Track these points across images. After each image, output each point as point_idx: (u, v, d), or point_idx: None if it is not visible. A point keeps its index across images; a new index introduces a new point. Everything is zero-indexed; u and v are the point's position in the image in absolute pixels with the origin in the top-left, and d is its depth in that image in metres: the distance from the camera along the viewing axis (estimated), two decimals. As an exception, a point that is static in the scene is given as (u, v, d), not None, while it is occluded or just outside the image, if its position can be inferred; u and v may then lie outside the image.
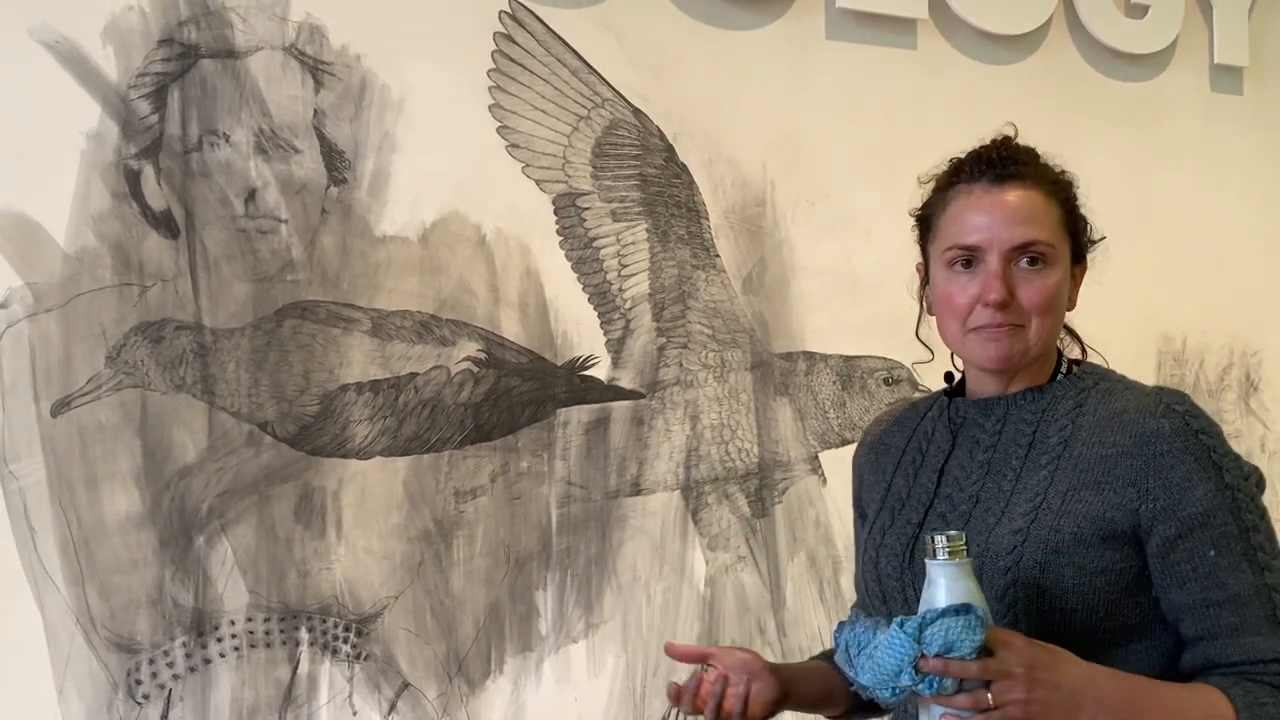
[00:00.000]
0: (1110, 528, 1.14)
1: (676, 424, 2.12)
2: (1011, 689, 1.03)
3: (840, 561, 2.23)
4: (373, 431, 1.90)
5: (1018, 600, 1.15)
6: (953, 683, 1.02)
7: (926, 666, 1.02)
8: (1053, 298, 1.21)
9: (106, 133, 1.77)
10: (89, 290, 1.75)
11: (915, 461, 1.30)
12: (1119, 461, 1.16)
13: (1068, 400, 1.23)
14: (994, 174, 1.22)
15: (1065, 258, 1.23)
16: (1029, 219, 1.20)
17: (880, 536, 1.28)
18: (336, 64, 1.91)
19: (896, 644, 1.01)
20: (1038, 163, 1.24)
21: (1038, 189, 1.22)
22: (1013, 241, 1.20)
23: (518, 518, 2.00)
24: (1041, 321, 1.21)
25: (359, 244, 1.91)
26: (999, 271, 1.20)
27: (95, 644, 1.72)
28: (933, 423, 1.31)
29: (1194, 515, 1.13)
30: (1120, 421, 1.17)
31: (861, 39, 2.29)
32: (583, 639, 2.03)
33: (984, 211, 1.21)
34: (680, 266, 2.13)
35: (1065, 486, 1.17)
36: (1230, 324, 2.66)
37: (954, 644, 1.00)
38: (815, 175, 2.24)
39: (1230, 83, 2.70)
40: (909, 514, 1.27)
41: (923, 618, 1.02)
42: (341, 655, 1.87)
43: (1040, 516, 1.16)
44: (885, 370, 2.29)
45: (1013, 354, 1.22)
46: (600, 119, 2.08)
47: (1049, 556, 1.14)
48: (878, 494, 1.33)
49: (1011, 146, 1.24)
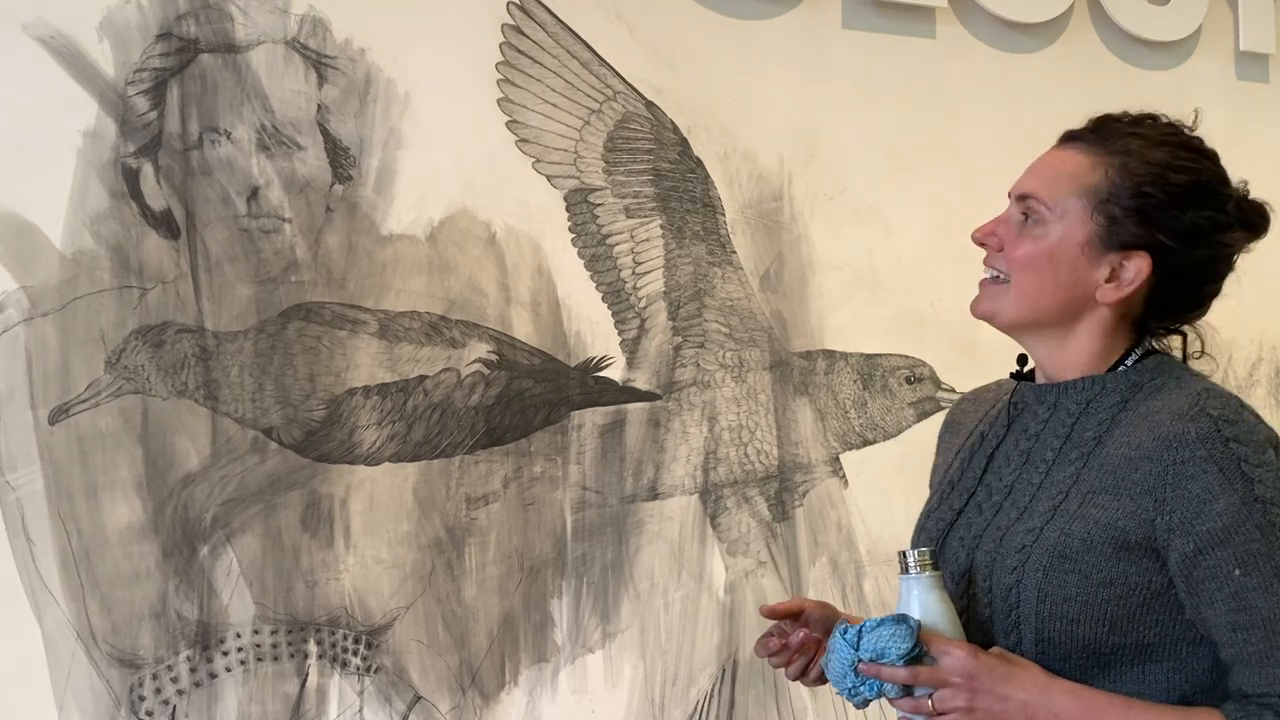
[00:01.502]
0: (1123, 537, 1.07)
1: (694, 426, 2.05)
2: (952, 697, 1.05)
3: (863, 566, 2.17)
4: (381, 436, 1.84)
5: (1019, 602, 1.10)
6: (895, 688, 1.07)
7: (862, 670, 1.07)
8: (1033, 257, 1.15)
9: (104, 130, 1.71)
10: (87, 293, 1.69)
11: (975, 445, 1.26)
12: (1140, 465, 1.08)
13: (1115, 394, 1.15)
14: (1070, 134, 1.19)
15: (1075, 229, 1.14)
16: (1043, 175, 1.17)
17: (924, 520, 1.25)
18: (340, 58, 1.85)
19: (840, 649, 1.09)
20: (1130, 137, 1.15)
21: (1089, 155, 1.15)
22: (1017, 189, 1.18)
23: (531, 524, 1.94)
24: (1020, 279, 1.16)
25: (365, 243, 1.86)
26: (1002, 216, 1.19)
27: (96, 659, 1.66)
28: (1002, 406, 1.26)
29: (1214, 530, 1.04)
30: (1151, 422, 1.10)
31: (879, 27, 2.23)
32: (599, 648, 1.97)
33: (1031, 164, 1.20)
34: (696, 263, 2.07)
35: (1086, 488, 1.11)
36: (1259, 317, 2.59)
37: (884, 650, 1.06)
38: (833, 168, 2.18)
39: (1256, 70, 2.63)
40: (953, 500, 1.23)
41: (863, 625, 1.09)
42: (351, 668, 1.81)
43: (1055, 518, 1.11)
44: (907, 369, 2.22)
45: (980, 307, 1.20)
46: (612, 112, 2.02)
47: (1054, 561, 1.08)
48: (939, 474, 1.30)
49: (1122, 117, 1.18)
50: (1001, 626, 1.12)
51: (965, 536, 1.18)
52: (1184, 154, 1.16)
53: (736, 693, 2.05)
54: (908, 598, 1.11)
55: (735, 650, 2.06)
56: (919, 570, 1.10)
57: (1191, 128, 1.18)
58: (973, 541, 1.17)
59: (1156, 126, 1.17)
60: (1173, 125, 1.18)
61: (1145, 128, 1.17)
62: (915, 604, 1.10)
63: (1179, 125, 1.18)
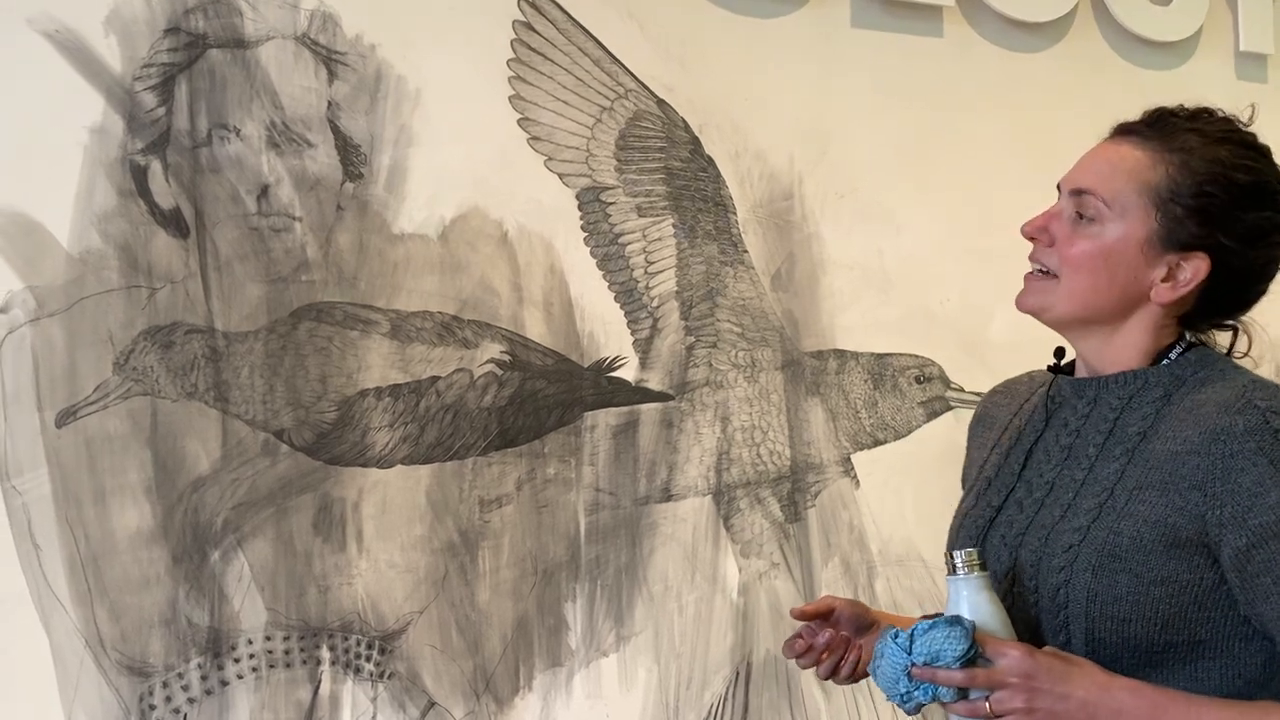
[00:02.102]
0: (1174, 534, 1.06)
1: (706, 426, 2.04)
2: (1010, 698, 1.03)
3: (875, 566, 2.16)
4: (393, 439, 1.82)
5: (1068, 602, 1.08)
6: (950, 692, 1.05)
7: (916, 674, 1.05)
8: (1089, 256, 1.13)
9: (111, 127, 1.67)
10: (94, 293, 1.65)
11: (1012, 440, 1.24)
12: (1186, 460, 1.07)
13: (1159, 388, 1.14)
14: (1126, 127, 1.17)
15: (1134, 227, 1.12)
16: (1101, 170, 1.14)
17: (961, 518, 1.23)
18: (350, 54, 1.82)
19: (892, 654, 1.07)
20: (1190, 134, 1.12)
21: (1149, 151, 1.12)
22: (1071, 184, 1.16)
23: (545, 527, 1.91)
24: (1072, 277, 1.14)
25: (376, 242, 1.83)
26: (1054, 210, 1.16)
27: (105, 667, 1.62)
28: (1038, 400, 1.24)
29: (1267, 524, 1.02)
30: (1197, 416, 1.08)
31: (888, 26, 2.22)
32: (614, 652, 1.95)
33: (1084, 156, 1.18)
34: (708, 263, 2.05)
35: (1133, 484, 1.09)
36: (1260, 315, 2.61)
37: (939, 654, 1.05)
38: (844, 167, 2.17)
39: (1256, 70, 2.65)
40: (991, 496, 1.21)
41: (915, 629, 1.07)
42: (365, 674, 1.77)
43: (1103, 516, 1.09)
44: (917, 368, 2.22)
45: (1027, 302, 1.18)
46: (624, 110, 2.00)
47: (1104, 561, 1.07)
48: (975, 469, 1.28)
49: (1180, 111, 1.15)
50: (1050, 626, 1.10)
51: (1007, 535, 1.16)
52: (1245, 152, 1.14)
53: (750, 695, 2.03)
54: (957, 599, 1.09)
55: (749, 652, 2.04)
56: (967, 571, 1.08)
57: (1247, 123, 1.17)
58: (1015, 540, 1.15)
59: (1214, 122, 1.15)
60: (1230, 121, 1.16)
61: (1203, 122, 1.15)
62: (965, 605, 1.08)
63: (1235, 120, 1.16)
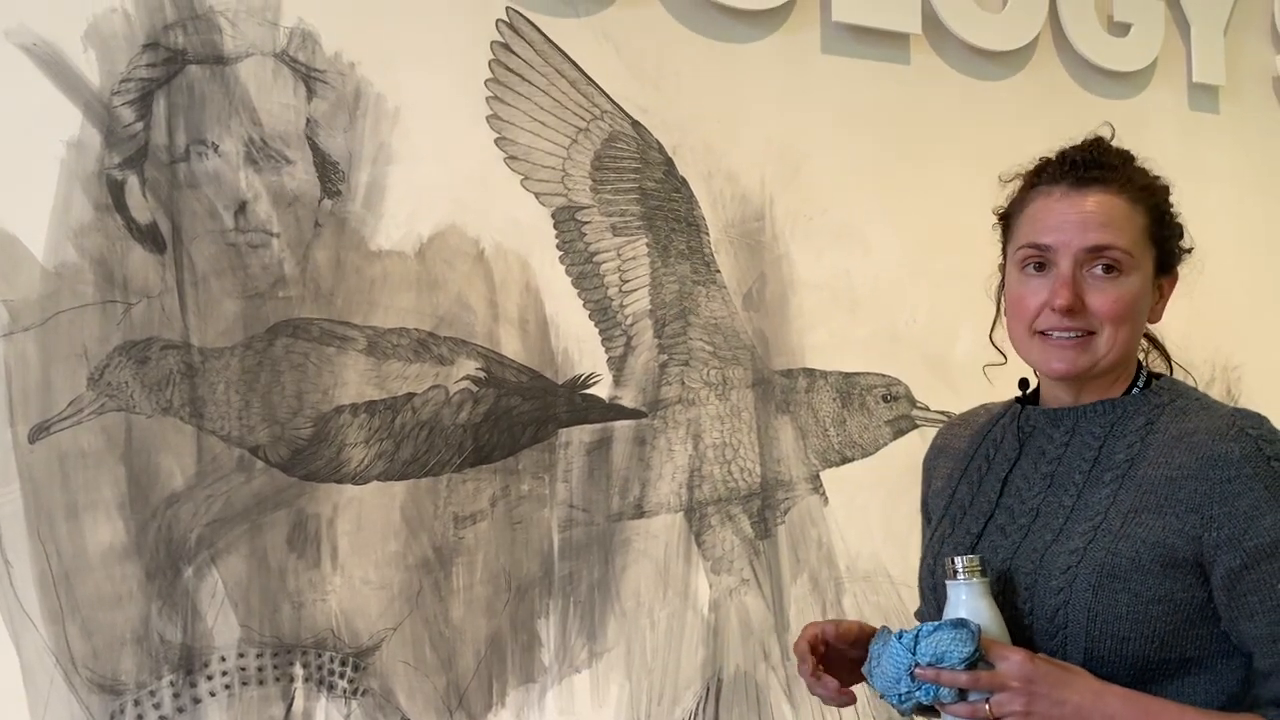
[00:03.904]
0: (1171, 555, 1.10)
1: (679, 444, 2.06)
2: (1010, 701, 1.06)
3: (843, 583, 2.19)
4: (369, 455, 1.82)
5: (1067, 622, 1.12)
6: (950, 693, 1.07)
7: (919, 675, 1.07)
8: (1127, 307, 1.18)
9: (88, 141, 1.67)
10: (70, 308, 1.64)
11: (981, 469, 1.27)
12: (1183, 485, 1.11)
13: (1140, 416, 1.19)
14: (1076, 176, 1.19)
15: (1146, 267, 1.19)
16: (1106, 224, 1.17)
17: (939, 544, 1.26)
18: (329, 72, 1.83)
19: (895, 654, 1.09)
20: (1127, 167, 1.21)
21: (1122, 194, 1.18)
22: (1085, 244, 1.17)
23: (519, 543, 1.92)
24: (1114, 331, 1.17)
25: (354, 259, 1.83)
26: (1069, 276, 1.17)
27: (76, 685, 1.61)
28: (1003, 430, 1.28)
29: (1261, 546, 1.08)
30: (1189, 443, 1.14)
31: (857, 53, 2.27)
32: (586, 668, 1.96)
33: (1060, 214, 1.18)
34: (681, 282, 2.08)
35: (1127, 508, 1.13)
36: (1212, 338, 2.68)
37: (944, 655, 1.06)
38: (814, 189, 2.21)
39: (1208, 101, 2.74)
40: (969, 523, 1.24)
41: (919, 630, 1.08)
42: (338, 691, 1.77)
43: (1098, 538, 1.13)
44: (884, 387, 2.26)
45: (1079, 364, 1.19)
46: (599, 131, 2.03)
47: (1104, 580, 1.11)
48: (943, 499, 1.30)
49: (1101, 148, 1.21)
50: (1045, 647, 1.13)
51: (992, 560, 1.19)
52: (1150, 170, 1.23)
53: (721, 710, 2.05)
54: (956, 603, 1.11)
55: (719, 668, 2.06)
56: (968, 576, 1.11)
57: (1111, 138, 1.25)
58: (1001, 564, 1.18)
59: (1122, 150, 1.23)
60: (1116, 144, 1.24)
61: (1120, 154, 1.22)
62: (964, 609, 1.11)
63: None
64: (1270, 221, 2.81)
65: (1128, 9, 2.57)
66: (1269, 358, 2.76)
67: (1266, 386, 2.73)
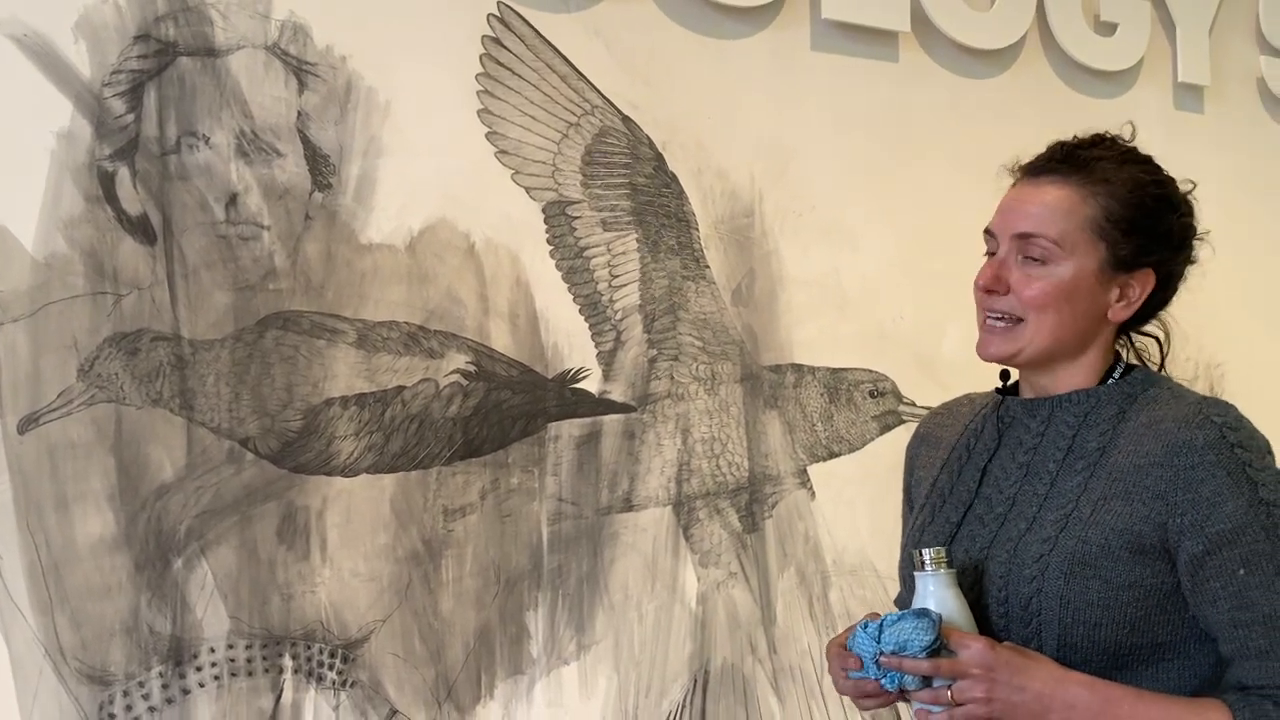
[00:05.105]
0: (1138, 541, 1.12)
1: (668, 438, 2.07)
2: (971, 688, 1.09)
3: (829, 577, 2.20)
4: (359, 448, 1.82)
5: (1041, 610, 1.13)
6: (914, 680, 1.11)
7: (884, 662, 1.11)
8: (1049, 296, 1.19)
9: (79, 132, 1.67)
10: (60, 299, 1.64)
11: (961, 458, 1.29)
12: (1149, 472, 1.13)
13: (1112, 405, 1.21)
14: (1037, 168, 1.22)
15: (1086, 261, 1.19)
16: (1038, 213, 1.19)
17: (919, 533, 1.27)
18: (321, 65, 1.83)
19: (862, 642, 1.13)
20: (1099, 162, 1.20)
21: (1071, 186, 1.19)
22: (1014, 230, 1.20)
23: (508, 536, 1.93)
24: (1039, 318, 1.19)
25: (344, 252, 1.84)
26: (1000, 259, 1.21)
27: (65, 676, 1.61)
28: (984, 420, 1.30)
29: (1223, 532, 1.10)
30: (1156, 431, 1.15)
31: (846, 51, 2.29)
32: (574, 660, 1.97)
33: (1008, 201, 1.23)
34: (671, 277, 2.09)
35: (1097, 495, 1.15)
36: (1195, 336, 2.71)
37: (907, 643, 1.10)
38: (803, 186, 2.22)
39: (1192, 101, 2.76)
40: (948, 512, 1.26)
41: (884, 620, 1.12)
42: (327, 682, 1.78)
43: (1069, 526, 1.15)
44: (871, 383, 2.27)
45: (1003, 350, 1.22)
46: (590, 126, 2.03)
47: (1075, 568, 1.13)
48: (924, 488, 1.32)
49: (1080, 143, 1.22)
50: (1020, 635, 1.15)
51: (970, 549, 1.21)
52: (1149, 167, 1.24)
53: (708, 702, 2.07)
54: (924, 594, 1.14)
55: (707, 661, 2.08)
56: (935, 567, 1.14)
57: (1129, 140, 1.26)
58: (979, 553, 1.20)
59: (1114, 146, 1.24)
60: (1122, 142, 1.25)
61: (1105, 149, 1.23)
62: (931, 600, 1.13)
63: (1123, 140, 1.25)
64: (1254, 221, 2.84)
65: (1114, 9, 2.59)
66: (1252, 356, 2.79)
67: (1249, 385, 2.76)
